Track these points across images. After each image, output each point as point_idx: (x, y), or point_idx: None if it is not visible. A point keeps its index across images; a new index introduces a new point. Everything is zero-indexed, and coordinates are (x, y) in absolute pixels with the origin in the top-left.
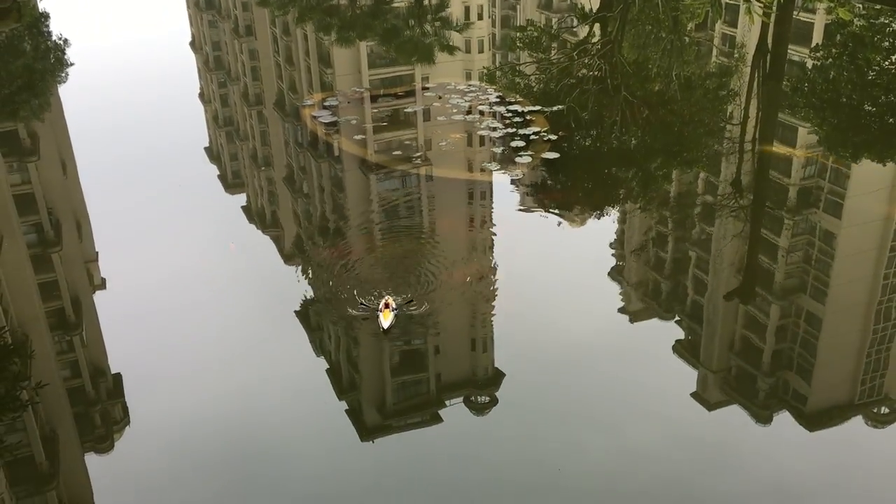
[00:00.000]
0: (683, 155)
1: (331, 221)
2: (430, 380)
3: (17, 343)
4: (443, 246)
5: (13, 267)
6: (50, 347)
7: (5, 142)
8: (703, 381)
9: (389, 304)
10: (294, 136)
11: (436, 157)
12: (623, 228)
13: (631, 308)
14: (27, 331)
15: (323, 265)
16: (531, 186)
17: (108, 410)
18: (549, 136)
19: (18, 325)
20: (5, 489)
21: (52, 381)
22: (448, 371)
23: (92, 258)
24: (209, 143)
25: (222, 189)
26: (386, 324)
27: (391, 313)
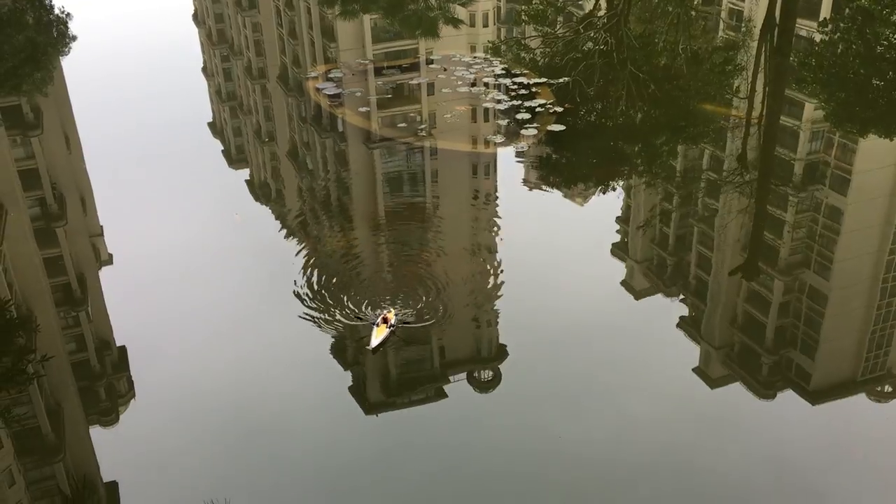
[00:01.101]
0: (689, 130)
1: (333, 195)
2: (434, 355)
3: (22, 317)
4: (447, 220)
5: (18, 242)
6: (55, 322)
7: (8, 116)
8: (706, 356)
9: (388, 318)
10: (297, 111)
11: (441, 130)
12: (628, 204)
13: (635, 284)
14: (32, 305)
15: (325, 238)
16: (536, 160)
17: (114, 383)
18: (554, 108)
19: (24, 300)
20: (13, 460)
21: (58, 355)
22: (451, 346)
23: (97, 232)
24: (212, 117)
25: (226, 164)
26: (375, 341)
27: (386, 330)
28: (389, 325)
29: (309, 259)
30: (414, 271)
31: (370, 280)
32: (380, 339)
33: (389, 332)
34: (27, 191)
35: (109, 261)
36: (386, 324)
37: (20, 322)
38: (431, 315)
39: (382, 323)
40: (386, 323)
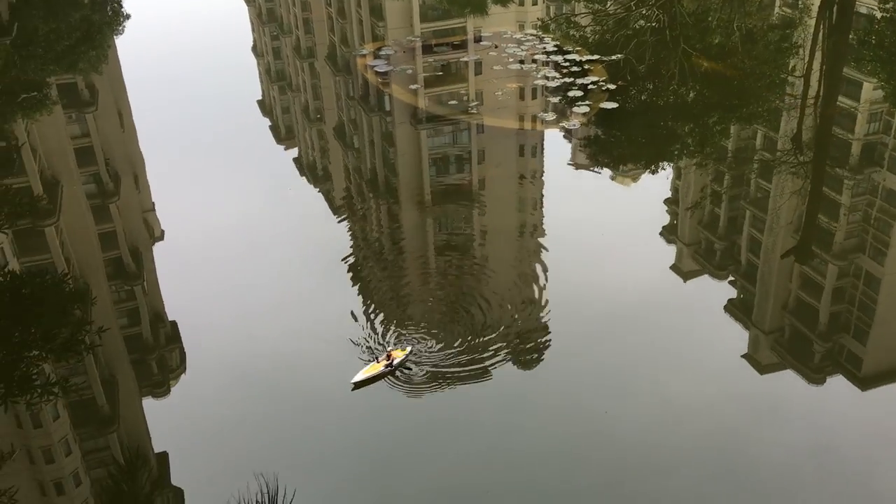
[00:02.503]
0: (743, 109)
1: (380, 173)
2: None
3: (79, 290)
4: (493, 200)
5: (74, 217)
6: (108, 296)
7: (65, 94)
8: (756, 341)
9: (392, 357)
10: (345, 89)
11: (489, 108)
12: (677, 185)
13: (683, 266)
14: (88, 279)
15: (371, 217)
16: (585, 139)
17: (165, 357)
18: (607, 85)
19: (80, 274)
20: (69, 430)
21: (112, 328)
22: (497, 324)
23: (149, 208)
24: (262, 95)
25: (274, 142)
26: (360, 377)
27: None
28: (388, 365)
29: (355, 237)
30: (458, 251)
31: (414, 259)
32: (366, 376)
33: (384, 371)
34: (82, 167)
35: (161, 237)
36: (388, 360)
37: (77, 294)
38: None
39: (384, 359)
40: (388, 360)
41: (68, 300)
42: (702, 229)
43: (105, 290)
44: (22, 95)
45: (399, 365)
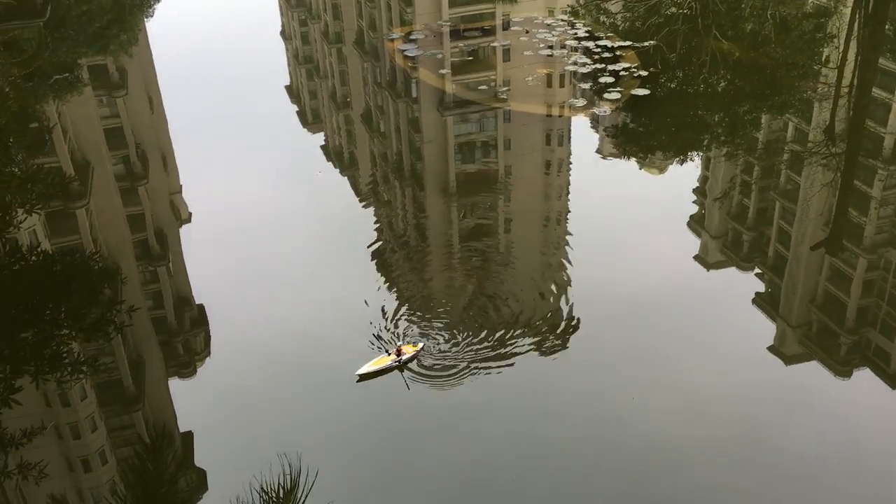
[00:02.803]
0: (774, 99)
1: (406, 160)
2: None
3: (108, 270)
4: (518, 188)
5: (103, 198)
6: (137, 277)
7: (95, 76)
8: (782, 334)
9: (402, 352)
10: (373, 75)
11: (518, 94)
12: (706, 175)
13: (709, 258)
14: (116, 260)
15: (397, 202)
16: (613, 127)
17: (191, 338)
18: (639, 72)
19: (108, 254)
20: (96, 409)
21: (140, 309)
22: (520, 312)
23: (176, 191)
24: (290, 80)
25: (301, 126)
26: (366, 369)
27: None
28: (396, 360)
29: (380, 223)
30: (483, 238)
31: (438, 246)
32: (373, 368)
33: (392, 366)
34: (112, 150)
35: (189, 219)
36: (397, 354)
37: (108, 274)
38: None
39: (394, 353)
40: (398, 354)
41: (99, 280)
42: (730, 220)
43: (133, 271)
44: (54, 77)
45: (408, 361)
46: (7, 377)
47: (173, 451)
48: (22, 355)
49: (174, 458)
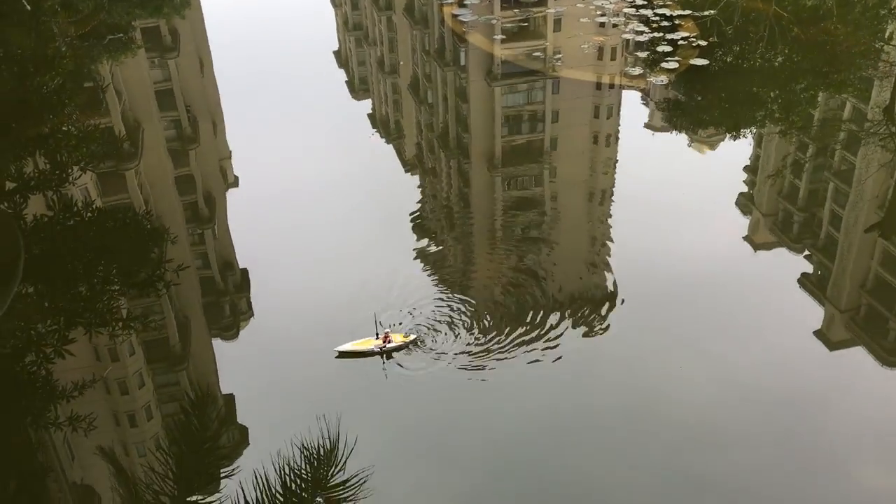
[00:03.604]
0: (833, 76)
1: (452, 129)
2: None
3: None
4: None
5: (153, 160)
6: (185, 238)
7: (148, 38)
8: (829, 318)
9: (389, 339)
10: (422, 43)
11: (573, 63)
12: (758, 153)
13: (758, 238)
14: (165, 221)
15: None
16: (666, 101)
17: (235, 301)
18: (698, 41)
19: (157, 215)
20: (144, 366)
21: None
22: (561, 288)
23: (225, 156)
24: (338, 47)
25: (349, 94)
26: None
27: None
28: (380, 346)
29: (424, 192)
30: (526, 211)
31: (480, 218)
32: (353, 348)
33: (374, 351)
34: (163, 111)
35: (235, 183)
36: (384, 342)
37: (159, 233)
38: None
39: (381, 339)
40: (384, 340)
41: (150, 239)
42: (781, 200)
43: (182, 233)
44: (108, 37)
45: (393, 350)
46: (61, 329)
47: (216, 408)
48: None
49: (217, 415)
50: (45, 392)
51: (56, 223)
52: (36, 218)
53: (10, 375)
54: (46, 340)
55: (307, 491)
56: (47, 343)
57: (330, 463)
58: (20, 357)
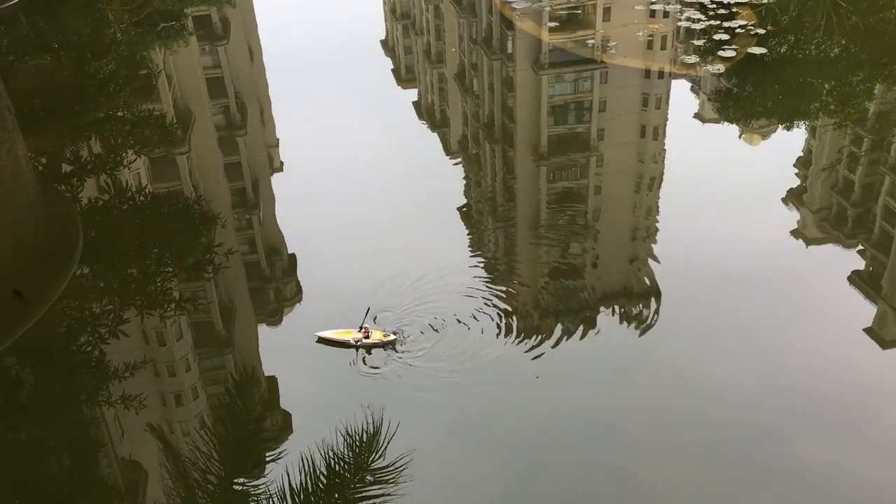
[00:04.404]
0: (892, 68)
1: (498, 119)
2: (587, 287)
3: (207, 215)
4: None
5: (203, 146)
6: (232, 224)
7: (199, 25)
8: (882, 316)
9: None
10: (469, 32)
11: (628, 49)
12: (810, 146)
13: (808, 233)
14: (214, 207)
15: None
16: (718, 91)
17: (281, 286)
18: (756, 30)
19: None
20: (190, 349)
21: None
22: (606, 280)
23: (273, 144)
24: (385, 35)
25: (395, 83)
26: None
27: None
28: (357, 340)
29: (468, 182)
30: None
31: (525, 209)
32: (332, 337)
33: (350, 343)
34: (213, 98)
35: (280, 168)
36: (364, 336)
37: (209, 218)
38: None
39: (359, 331)
40: (365, 336)
41: (201, 224)
42: (834, 194)
43: (229, 219)
44: (161, 25)
45: (369, 346)
46: (116, 309)
47: (260, 392)
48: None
49: (261, 399)
50: (98, 371)
51: (111, 207)
52: (91, 201)
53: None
54: (100, 321)
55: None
56: (101, 323)
57: (371, 448)
58: (75, 336)
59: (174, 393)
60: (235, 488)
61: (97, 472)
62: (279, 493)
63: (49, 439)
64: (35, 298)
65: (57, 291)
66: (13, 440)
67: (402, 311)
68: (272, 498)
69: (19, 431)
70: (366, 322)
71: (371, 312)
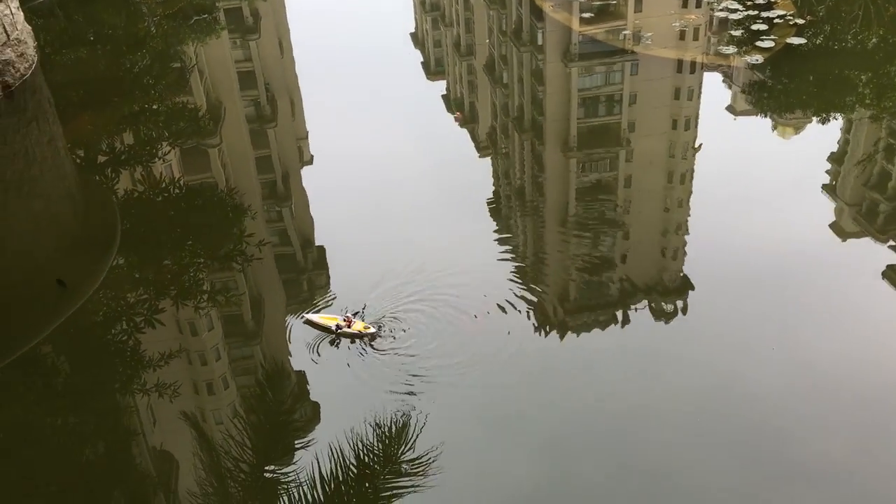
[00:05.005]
0: None
1: (528, 112)
2: (616, 281)
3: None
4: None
5: (234, 138)
6: (262, 216)
7: (231, 19)
8: None
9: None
10: (498, 23)
11: (664, 40)
12: (846, 139)
13: (842, 226)
14: (245, 199)
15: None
16: (752, 83)
17: (312, 278)
18: (795, 19)
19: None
20: (220, 340)
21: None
22: (635, 275)
23: (303, 136)
24: (415, 27)
25: (424, 75)
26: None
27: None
28: (339, 327)
29: (497, 175)
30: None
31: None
32: (316, 320)
33: (332, 329)
34: (243, 91)
35: (310, 161)
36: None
37: (241, 209)
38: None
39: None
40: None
41: (234, 215)
42: (867, 189)
43: (260, 210)
44: (194, 18)
45: (348, 335)
46: (151, 299)
47: (290, 383)
48: (165, 280)
49: (291, 390)
50: (134, 359)
51: (146, 198)
52: (127, 192)
53: (104, 342)
54: (136, 310)
55: (379, 464)
56: (137, 313)
57: (401, 441)
58: (111, 325)
59: (206, 381)
60: (266, 476)
61: (131, 458)
62: (309, 482)
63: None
64: (75, 287)
65: (97, 281)
66: (51, 425)
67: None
68: (301, 486)
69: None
70: (350, 313)
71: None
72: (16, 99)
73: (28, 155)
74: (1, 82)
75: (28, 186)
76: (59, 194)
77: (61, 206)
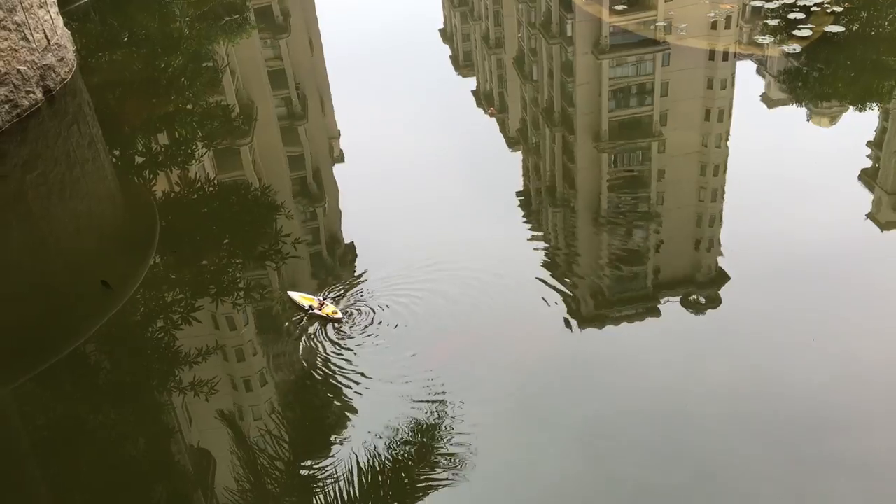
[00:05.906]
0: None
1: (557, 105)
2: (649, 274)
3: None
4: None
5: (265, 137)
6: (296, 215)
7: (261, 18)
8: None
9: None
10: (527, 16)
11: (696, 30)
12: (884, 126)
13: (881, 216)
14: (277, 197)
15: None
16: (788, 71)
17: (342, 276)
18: (833, 7)
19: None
20: (253, 336)
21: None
22: (670, 267)
23: (334, 135)
24: (444, 23)
25: (453, 70)
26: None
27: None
28: (311, 307)
29: (528, 167)
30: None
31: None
32: (296, 298)
33: (306, 308)
34: (274, 89)
35: (341, 158)
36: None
37: (276, 208)
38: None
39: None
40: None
41: (268, 213)
42: None
43: (292, 208)
44: (225, 18)
45: (316, 317)
46: (188, 297)
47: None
48: (202, 279)
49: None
50: (170, 357)
51: (181, 197)
52: (164, 193)
53: (141, 340)
54: (174, 308)
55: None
56: (174, 311)
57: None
58: (149, 324)
59: (244, 378)
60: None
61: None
62: (346, 475)
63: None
64: (118, 287)
65: (137, 281)
66: (93, 423)
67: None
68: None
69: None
70: (326, 299)
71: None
72: (57, 103)
73: (70, 157)
74: (43, 87)
75: (70, 189)
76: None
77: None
